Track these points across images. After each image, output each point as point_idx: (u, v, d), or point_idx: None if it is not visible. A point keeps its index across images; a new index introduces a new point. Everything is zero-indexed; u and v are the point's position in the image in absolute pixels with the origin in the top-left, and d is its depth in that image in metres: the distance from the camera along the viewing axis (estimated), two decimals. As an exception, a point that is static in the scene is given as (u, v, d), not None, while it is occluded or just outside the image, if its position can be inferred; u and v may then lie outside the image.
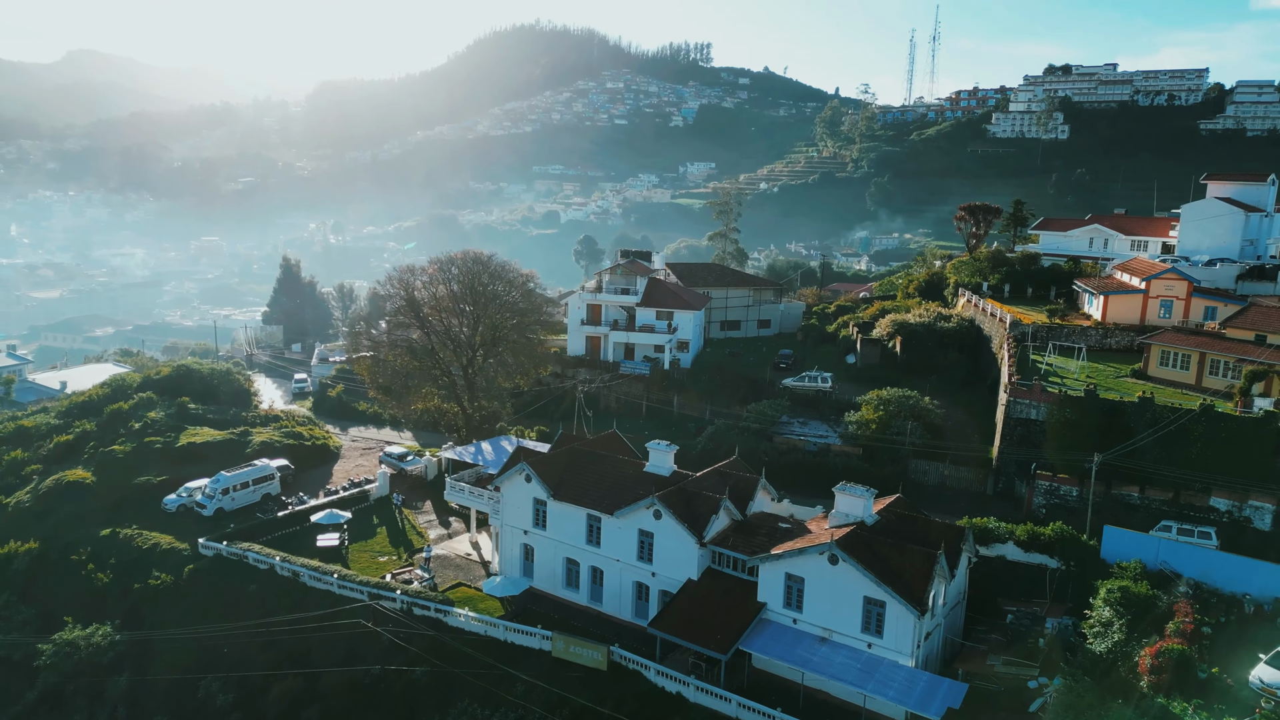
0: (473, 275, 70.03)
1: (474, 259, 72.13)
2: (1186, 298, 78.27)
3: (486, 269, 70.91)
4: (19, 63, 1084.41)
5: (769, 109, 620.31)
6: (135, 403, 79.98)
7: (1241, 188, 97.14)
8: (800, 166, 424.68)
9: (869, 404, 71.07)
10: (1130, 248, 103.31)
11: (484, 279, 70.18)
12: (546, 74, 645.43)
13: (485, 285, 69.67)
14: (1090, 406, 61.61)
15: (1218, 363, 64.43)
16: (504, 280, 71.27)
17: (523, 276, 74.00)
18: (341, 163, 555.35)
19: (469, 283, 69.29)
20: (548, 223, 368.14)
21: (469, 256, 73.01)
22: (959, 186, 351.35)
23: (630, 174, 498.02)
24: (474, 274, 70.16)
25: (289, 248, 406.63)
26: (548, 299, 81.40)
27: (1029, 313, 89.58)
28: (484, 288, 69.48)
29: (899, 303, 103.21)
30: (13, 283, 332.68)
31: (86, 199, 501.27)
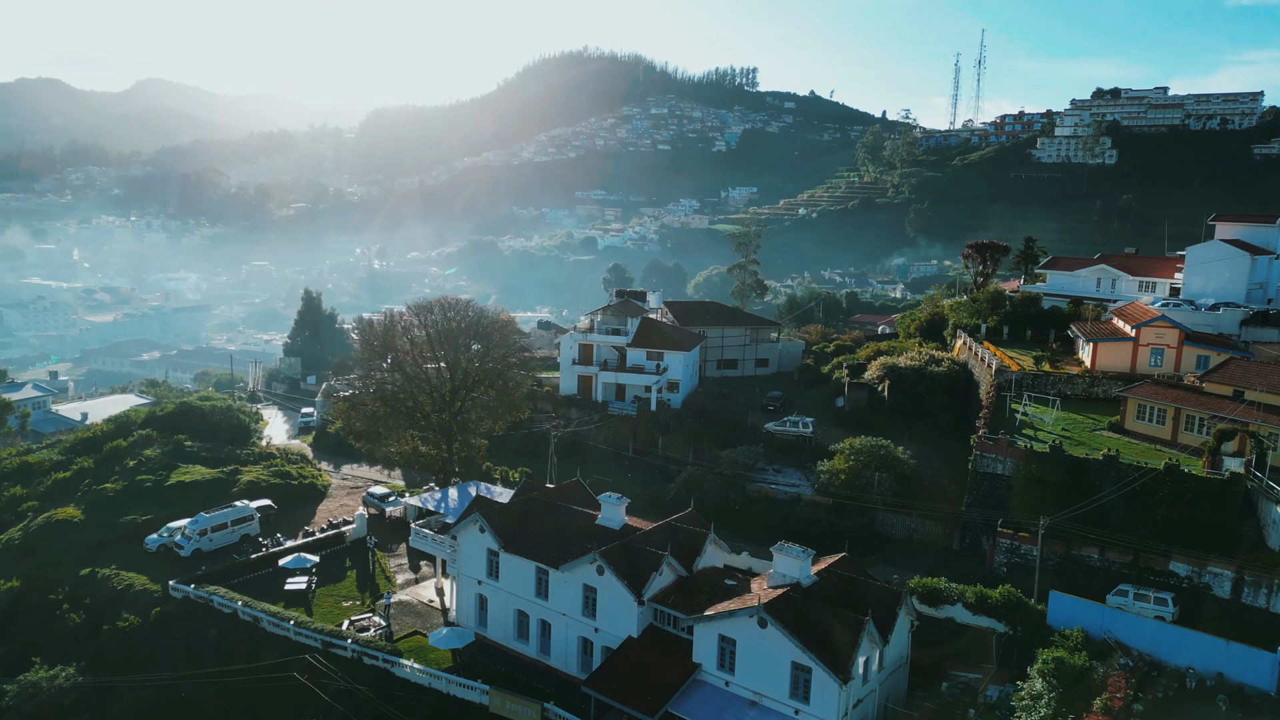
0: (446, 322, 71.41)
1: (449, 305, 73.61)
2: (1177, 346, 76.56)
3: (461, 316, 72.26)
4: (90, 91, 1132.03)
5: (813, 133, 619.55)
6: (135, 440, 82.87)
7: (1250, 229, 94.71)
8: (841, 192, 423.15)
9: (841, 453, 70.64)
10: (1138, 289, 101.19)
11: (458, 326, 71.50)
12: (592, 100, 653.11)
13: (459, 332, 70.92)
14: (1056, 463, 60.55)
15: (1193, 418, 62.86)
16: (478, 327, 72.47)
17: (499, 321, 75.23)
18: (391, 188, 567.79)
19: (442, 330, 70.65)
20: (585, 249, 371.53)
21: (446, 303, 74.52)
22: (1001, 213, 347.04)
23: (672, 199, 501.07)
24: (447, 321, 71.53)
25: (335, 272, 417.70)
26: (526, 343, 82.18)
27: (1022, 357, 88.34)
28: (457, 335, 70.73)
29: (897, 343, 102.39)
30: (70, 306, 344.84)
31: (147, 224, 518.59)
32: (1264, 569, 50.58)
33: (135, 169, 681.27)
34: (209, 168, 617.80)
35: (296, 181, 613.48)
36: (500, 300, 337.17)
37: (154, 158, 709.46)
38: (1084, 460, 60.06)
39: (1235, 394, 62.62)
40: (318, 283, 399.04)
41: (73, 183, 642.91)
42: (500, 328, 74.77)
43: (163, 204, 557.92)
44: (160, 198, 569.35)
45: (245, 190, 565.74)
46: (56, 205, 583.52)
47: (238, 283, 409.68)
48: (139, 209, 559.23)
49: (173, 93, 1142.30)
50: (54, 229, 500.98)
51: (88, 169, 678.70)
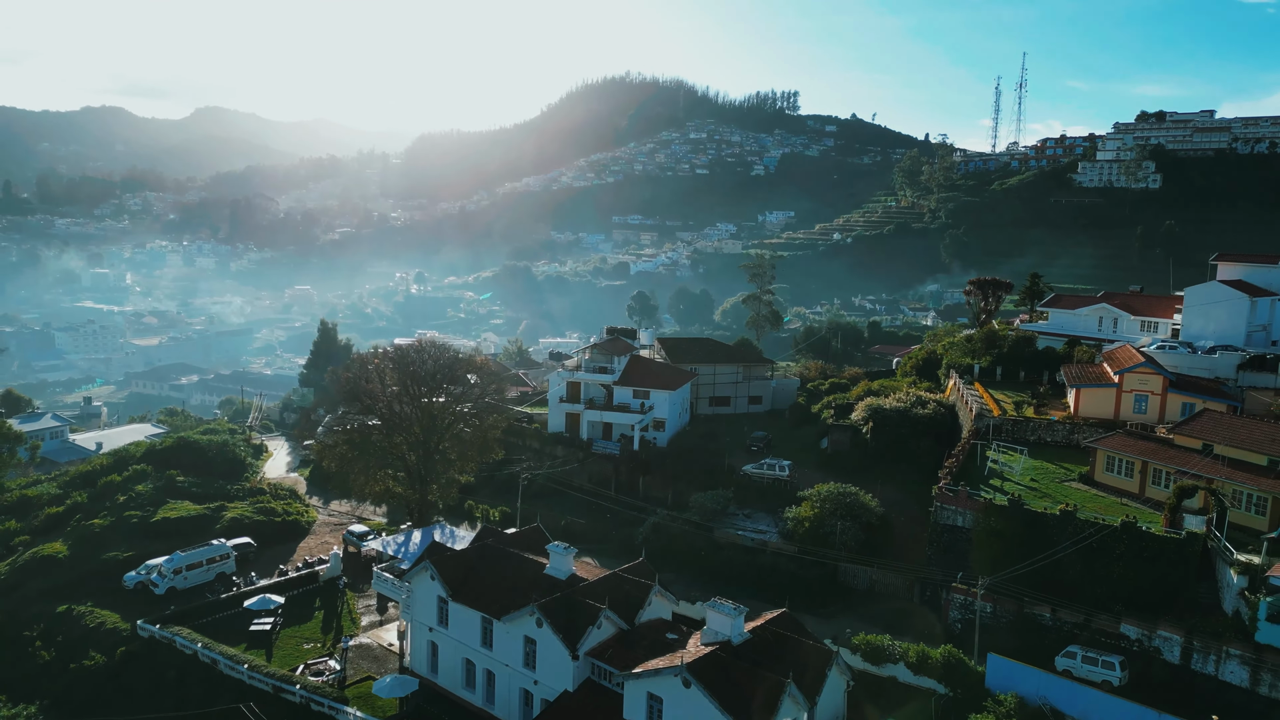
0: (421, 364, 72.61)
1: (420, 349, 74.83)
2: (1162, 393, 74.89)
3: (433, 359, 73.38)
4: (152, 119, 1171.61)
5: (853, 156, 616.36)
6: (129, 475, 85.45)
7: (1253, 269, 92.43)
8: (877, 216, 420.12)
9: (809, 500, 70.19)
10: (1140, 329, 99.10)
11: (430, 368, 72.62)
12: (632, 125, 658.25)
13: (428, 376, 71.99)
14: (1014, 516, 59.55)
15: (1160, 472, 61.39)
16: (450, 370, 73.45)
17: (474, 363, 76.21)
18: (433, 213, 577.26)
19: (413, 373, 71.83)
20: (618, 274, 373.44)
21: (423, 344, 75.75)
22: (1039, 238, 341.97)
23: (708, 223, 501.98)
24: (422, 363, 72.72)
25: (374, 296, 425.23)
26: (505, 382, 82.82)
27: (1008, 400, 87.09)
28: (428, 378, 71.82)
29: (890, 382, 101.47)
30: (119, 330, 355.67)
31: (198, 248, 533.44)
32: (1212, 635, 49.13)
33: (190, 195, 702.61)
34: (258, 193, 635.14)
35: (343, 206, 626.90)
36: (531, 325, 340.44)
37: (208, 184, 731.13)
38: (1042, 515, 58.98)
39: (1204, 448, 61.04)
40: (356, 306, 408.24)
41: (130, 208, 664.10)
42: (473, 369, 75.67)
43: (214, 229, 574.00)
44: (211, 223, 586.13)
45: (293, 215, 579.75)
46: (114, 230, 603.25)
47: (280, 306, 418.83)
48: (191, 234, 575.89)
49: (230, 120, 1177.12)
50: (109, 254, 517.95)
51: (145, 195, 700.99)
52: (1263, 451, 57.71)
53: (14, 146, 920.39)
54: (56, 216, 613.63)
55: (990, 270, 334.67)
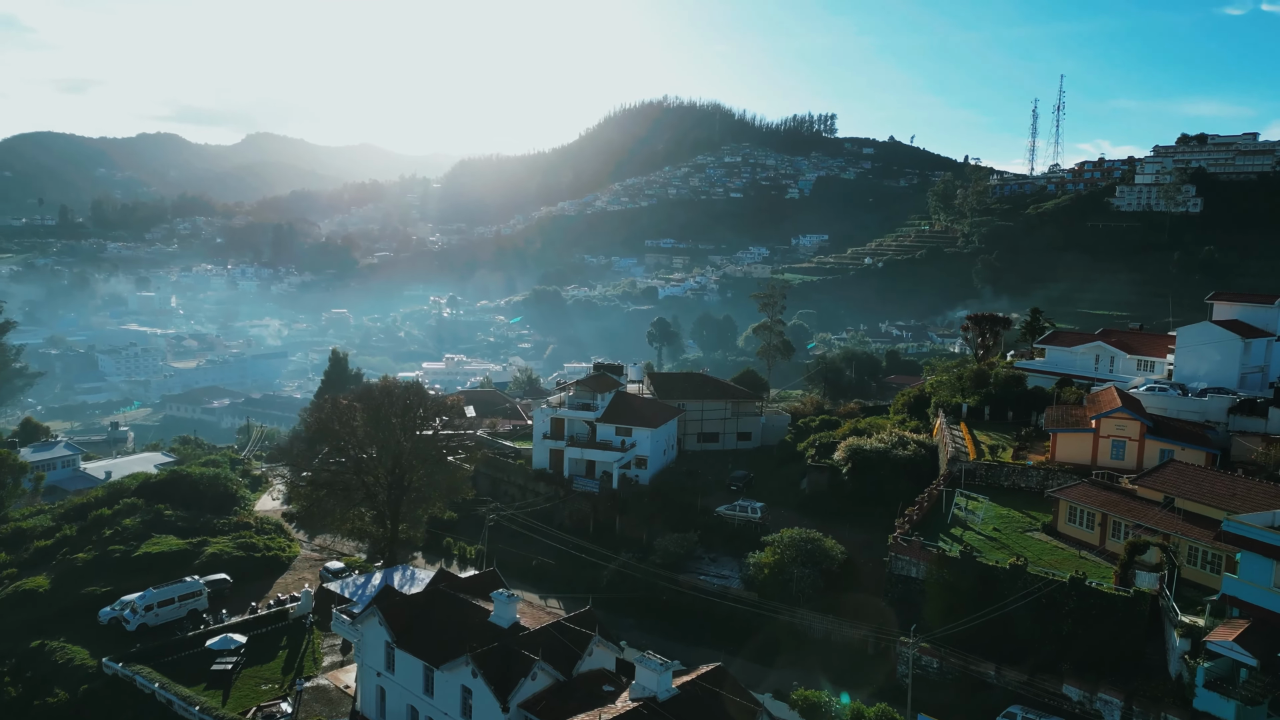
0: (389, 405, 73.65)
1: (390, 390, 75.89)
2: (1139, 439, 73.24)
3: (397, 402, 74.36)
4: (205, 145, 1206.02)
5: (890, 179, 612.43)
6: (119, 508, 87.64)
7: (1249, 309, 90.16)
8: (909, 240, 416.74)
9: (771, 545, 69.69)
10: (1137, 368, 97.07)
11: (397, 409, 73.62)
12: (668, 149, 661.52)
13: (391, 417, 72.98)
14: (966, 569, 58.62)
15: (1119, 525, 60.01)
16: (415, 412, 74.35)
17: (442, 404, 77.01)
18: (470, 237, 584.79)
19: (377, 416, 72.85)
20: (646, 298, 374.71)
21: (387, 386, 76.84)
22: (1073, 264, 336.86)
23: (741, 247, 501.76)
24: (391, 403, 73.75)
25: (408, 319, 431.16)
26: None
27: (991, 442, 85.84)
28: (392, 420, 72.81)
29: (880, 420, 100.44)
30: (160, 352, 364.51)
31: (241, 272, 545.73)
32: (1152, 699, 47.86)
33: (238, 219, 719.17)
34: (301, 218, 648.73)
35: (383, 230, 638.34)
36: (557, 349, 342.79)
37: (255, 208, 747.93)
38: (993, 568, 57.96)
39: (1166, 500, 59.54)
40: (391, 329, 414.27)
41: (180, 232, 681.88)
42: (442, 410, 76.46)
43: (257, 253, 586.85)
44: (255, 247, 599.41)
45: (334, 239, 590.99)
46: (163, 254, 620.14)
47: (317, 329, 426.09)
48: (236, 257, 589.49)
49: (280, 146, 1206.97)
50: (156, 277, 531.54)
51: (195, 219, 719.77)
52: (1222, 507, 56.10)
53: (73, 172, 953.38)
54: (109, 240, 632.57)
55: (1022, 296, 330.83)
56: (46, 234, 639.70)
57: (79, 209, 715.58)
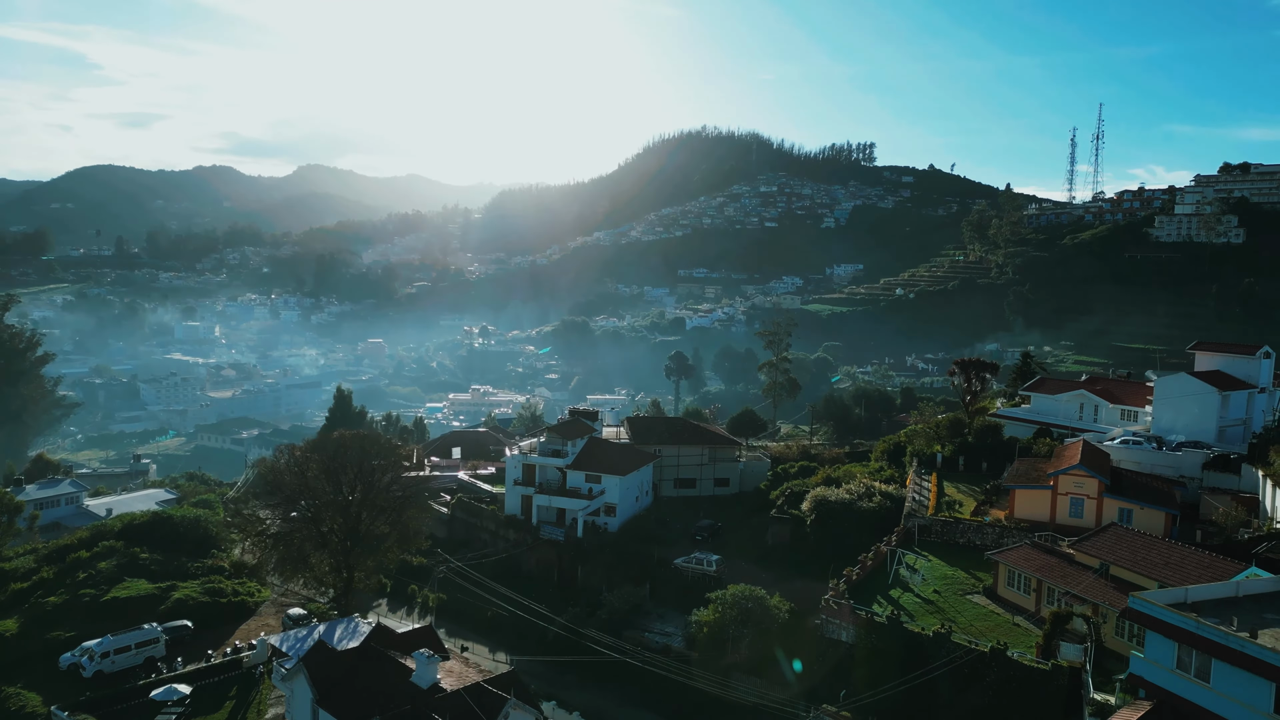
0: (340, 458, 74.71)
1: (344, 442, 76.99)
2: (1097, 497, 71.47)
3: (352, 453, 75.38)
4: (257, 177, 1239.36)
5: (929, 208, 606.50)
6: (97, 551, 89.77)
7: (1230, 360, 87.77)
8: (943, 271, 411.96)
9: (714, 602, 69.08)
10: (1120, 418, 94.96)
11: (353, 461, 74.65)
12: (705, 179, 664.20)
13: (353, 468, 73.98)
14: (893, 635, 57.63)
15: (1053, 591, 58.52)
16: (365, 464, 75.19)
17: (397, 456, 77.90)
18: (508, 267, 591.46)
19: (334, 466, 73.90)
20: (674, 329, 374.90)
21: (342, 438, 77.98)
22: (1109, 296, 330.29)
23: (775, 276, 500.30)
24: (341, 456, 74.81)
25: (440, 349, 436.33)
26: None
27: (961, 494, 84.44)
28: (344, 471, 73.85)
29: (857, 467, 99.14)
30: (199, 382, 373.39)
31: (283, 301, 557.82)
32: (1058, 783, 46.45)
33: (285, 249, 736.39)
34: (344, 248, 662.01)
35: (424, 260, 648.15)
36: (583, 380, 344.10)
37: (302, 239, 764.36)
38: (918, 635, 56.88)
39: (1101, 567, 57.95)
40: (423, 359, 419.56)
41: (229, 262, 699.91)
42: (396, 465, 77.28)
43: (300, 283, 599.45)
44: (298, 277, 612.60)
45: (374, 269, 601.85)
46: (212, 284, 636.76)
47: (353, 359, 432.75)
48: (280, 287, 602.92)
49: (329, 177, 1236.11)
50: (203, 307, 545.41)
51: (244, 249, 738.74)
52: (1154, 576, 54.47)
53: (131, 204, 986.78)
54: (161, 270, 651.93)
55: (1055, 329, 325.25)
56: (102, 264, 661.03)
57: (135, 240, 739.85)
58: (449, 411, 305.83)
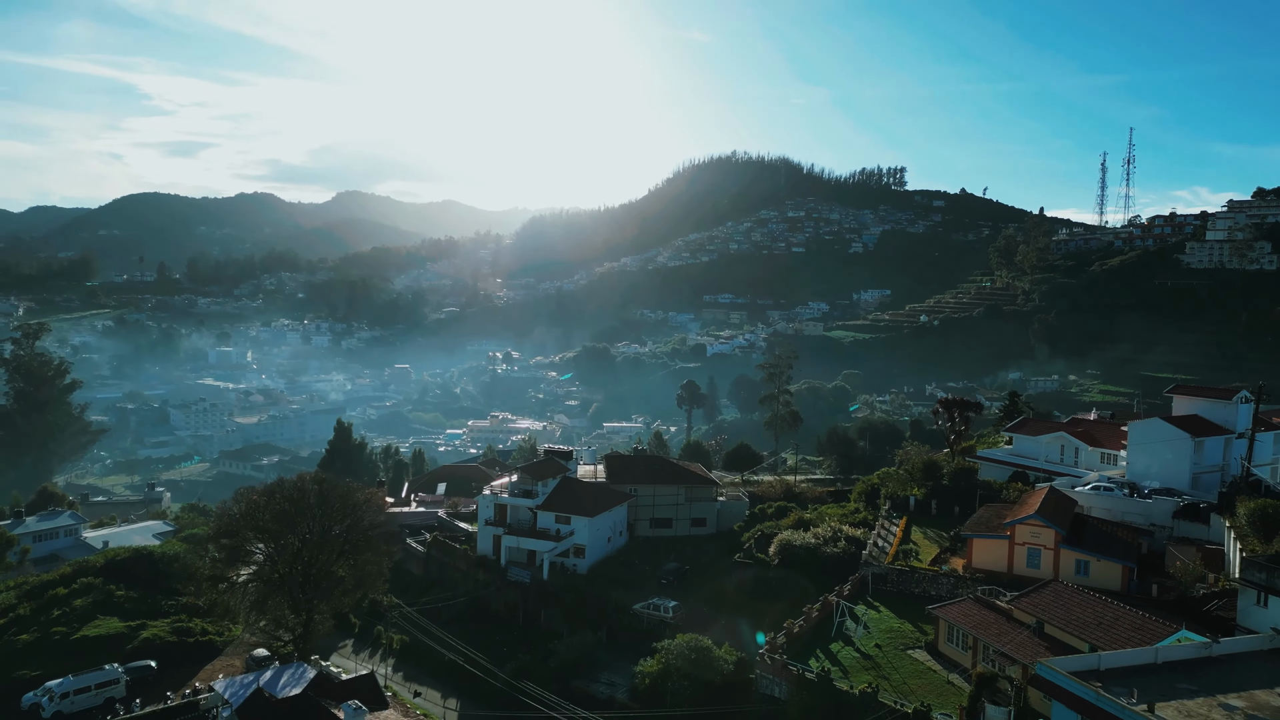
0: (296, 501, 75.40)
1: (302, 484, 77.71)
2: (1054, 548, 69.92)
3: (309, 497, 76.06)
4: (297, 203, 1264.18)
5: (960, 232, 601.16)
6: (75, 587, 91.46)
7: (1208, 404, 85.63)
8: (968, 297, 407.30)
9: (660, 651, 68.52)
10: (1100, 461, 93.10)
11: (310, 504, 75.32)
12: (733, 204, 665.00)
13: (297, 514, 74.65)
14: (822, 693, 56.74)
15: (989, 648, 57.26)
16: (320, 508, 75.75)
17: (354, 500, 78.35)
18: (535, 292, 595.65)
19: (288, 510, 74.61)
20: (694, 356, 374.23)
21: (300, 482, 78.71)
22: (1136, 324, 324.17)
23: (801, 302, 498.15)
24: (298, 500, 75.51)
25: (464, 375, 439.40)
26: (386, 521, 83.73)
27: (927, 541, 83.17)
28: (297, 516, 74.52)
29: (832, 509, 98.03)
30: (228, 407, 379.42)
31: (315, 327, 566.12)
32: None
33: (320, 274, 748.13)
34: (377, 274, 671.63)
35: (454, 286, 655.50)
36: (601, 407, 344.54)
37: (337, 265, 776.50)
38: (846, 694, 55.96)
39: (1037, 625, 56.65)
40: (447, 385, 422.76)
41: (266, 288, 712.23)
42: (352, 509, 77.73)
43: (332, 308, 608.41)
44: (331, 302, 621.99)
45: (404, 295, 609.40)
46: (249, 309, 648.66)
47: (379, 384, 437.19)
48: (314, 313, 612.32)
49: (367, 203, 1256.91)
50: (237, 332, 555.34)
51: (281, 275, 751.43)
52: (1085, 637, 53.13)
53: (175, 231, 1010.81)
54: (200, 296, 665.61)
55: (1080, 358, 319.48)
56: (144, 290, 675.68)
57: (177, 266, 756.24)
58: (468, 438, 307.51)
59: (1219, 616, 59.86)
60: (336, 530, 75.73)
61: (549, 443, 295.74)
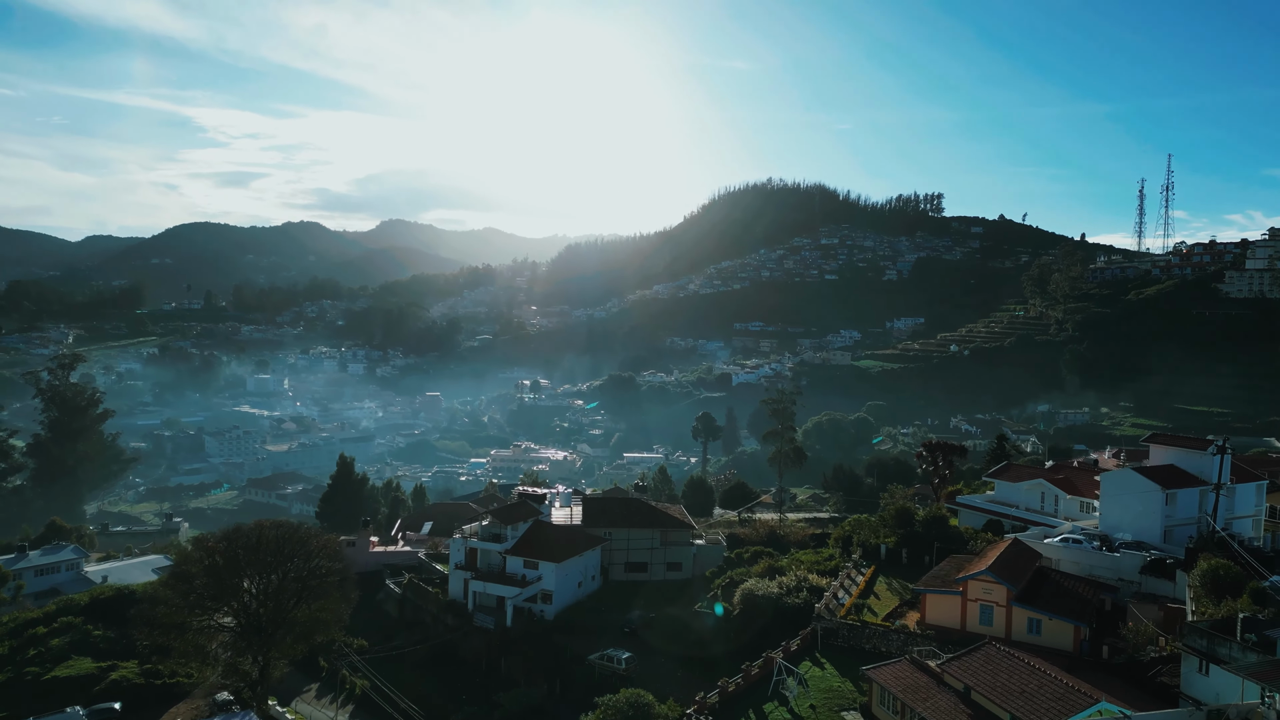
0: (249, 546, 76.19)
1: (258, 531, 78.51)
2: (1006, 605, 68.14)
3: (268, 544, 76.81)
4: (342, 232, 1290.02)
5: (999, 259, 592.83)
6: (56, 626, 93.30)
7: (1184, 454, 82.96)
8: (1000, 327, 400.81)
9: (601, 707, 67.85)
10: (1079, 510, 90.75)
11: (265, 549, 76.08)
12: (767, 231, 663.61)
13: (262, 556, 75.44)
14: (743, 758, 55.72)
15: (914, 714, 55.77)
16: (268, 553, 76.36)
17: (310, 545, 78.93)
18: (568, 320, 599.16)
19: (240, 555, 75.48)
20: (719, 385, 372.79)
21: (259, 527, 79.57)
22: (1172, 355, 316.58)
23: (832, 330, 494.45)
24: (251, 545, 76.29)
25: (493, 404, 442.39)
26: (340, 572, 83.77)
27: (891, 593, 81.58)
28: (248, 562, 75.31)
29: (807, 555, 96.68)
30: (261, 435, 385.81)
31: (352, 354, 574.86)
32: None
33: (360, 303, 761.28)
34: (414, 302, 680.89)
35: (489, 313, 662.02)
36: (624, 437, 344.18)
37: (377, 292, 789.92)
38: (766, 760, 54.89)
39: (964, 691, 55.12)
40: (475, 414, 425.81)
41: (307, 315, 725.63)
42: (308, 553, 78.38)
43: (369, 336, 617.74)
44: (368, 330, 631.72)
45: (439, 322, 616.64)
46: (289, 337, 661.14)
47: (410, 412, 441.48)
48: (352, 340, 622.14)
49: (409, 232, 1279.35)
50: (275, 360, 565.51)
51: (322, 303, 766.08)
52: (1007, 706, 51.55)
53: (224, 259, 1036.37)
54: (243, 324, 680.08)
55: (1112, 390, 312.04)
56: (190, 317, 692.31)
57: (224, 294, 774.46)
58: (490, 468, 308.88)
59: (1163, 684, 57.89)
60: (290, 576, 76.34)
61: (568, 473, 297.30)
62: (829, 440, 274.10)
